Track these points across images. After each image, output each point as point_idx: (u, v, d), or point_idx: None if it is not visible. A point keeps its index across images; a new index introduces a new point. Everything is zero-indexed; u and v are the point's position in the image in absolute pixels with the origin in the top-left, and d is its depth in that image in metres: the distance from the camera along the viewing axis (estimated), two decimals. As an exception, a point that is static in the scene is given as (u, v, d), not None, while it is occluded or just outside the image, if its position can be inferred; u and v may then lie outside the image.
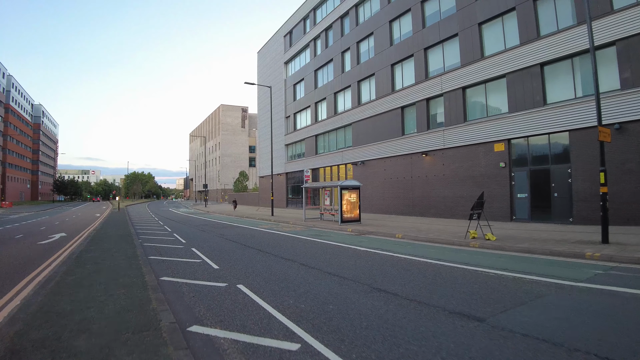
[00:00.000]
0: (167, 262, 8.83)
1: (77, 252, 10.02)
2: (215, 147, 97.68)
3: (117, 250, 10.30)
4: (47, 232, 18.14)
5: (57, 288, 5.99)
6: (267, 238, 14.10)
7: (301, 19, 39.52)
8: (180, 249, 11.30)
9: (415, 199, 23.58)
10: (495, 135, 19.18)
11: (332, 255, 9.55)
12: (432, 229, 15.37)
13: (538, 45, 17.62)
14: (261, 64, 49.88)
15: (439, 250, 10.54)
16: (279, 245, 11.75)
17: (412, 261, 8.67)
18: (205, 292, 5.99)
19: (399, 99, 25.24)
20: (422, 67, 23.71)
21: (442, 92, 22.11)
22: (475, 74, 20.36)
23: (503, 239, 12.11)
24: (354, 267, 7.91)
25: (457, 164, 21.02)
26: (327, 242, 12.63)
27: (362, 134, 28.68)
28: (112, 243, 12.20)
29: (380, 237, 14.37)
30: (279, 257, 9.34)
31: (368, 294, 5.77)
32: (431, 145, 22.55)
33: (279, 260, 8.85)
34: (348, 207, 18.64)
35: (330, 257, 9.25)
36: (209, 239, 13.86)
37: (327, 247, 11.20)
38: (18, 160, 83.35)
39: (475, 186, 19.98)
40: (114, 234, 15.51)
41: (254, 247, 11.35)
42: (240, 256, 9.65)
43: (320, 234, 15.59)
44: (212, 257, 9.57)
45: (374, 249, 10.66)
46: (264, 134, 48.61)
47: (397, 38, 26.22)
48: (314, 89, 36.40)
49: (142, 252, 9.98)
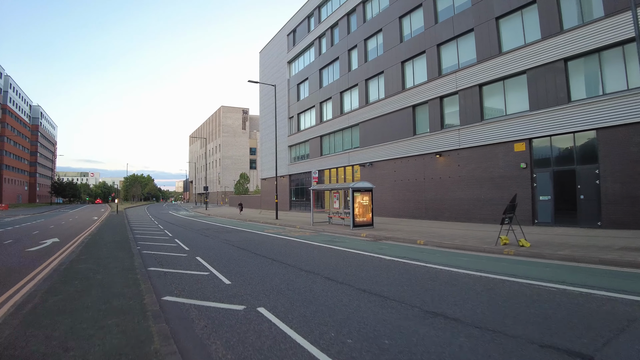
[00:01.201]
0: (169, 276, 7.67)
1: (67, 262, 8.85)
2: (215, 149, 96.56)
3: (112, 260, 9.15)
4: (39, 237, 16.96)
5: (32, 316, 4.79)
6: (278, 245, 12.95)
7: (305, 17, 38.50)
8: (183, 257, 10.14)
9: (428, 201, 22.45)
10: (516, 135, 18.12)
11: (357, 267, 8.41)
12: (455, 234, 14.25)
13: (561, 39, 16.60)
14: (263, 63, 48.83)
15: (474, 259, 9.44)
16: (293, 254, 10.61)
17: (452, 274, 7.54)
18: (220, 318, 4.81)
19: (409, 97, 24.15)
20: (435, 64, 22.65)
21: (457, 89, 21.05)
22: (493, 70, 19.32)
23: (537, 245, 11.08)
24: (389, 282, 6.76)
25: (474, 165, 19.94)
26: (345, 249, 11.49)
27: (370, 135, 27.58)
28: (107, 251, 11.06)
29: (400, 243, 13.24)
30: (297, 269, 8.19)
31: (424, 320, 4.64)
32: (445, 145, 21.45)
33: (299, 273, 7.70)
34: (360, 210, 17.52)
35: (357, 269, 8.11)
36: (214, 246, 12.71)
37: (348, 256, 10.05)
38: (15, 162, 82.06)
39: (494, 188, 18.92)
40: (111, 240, 14.34)
41: (266, 256, 10.20)
42: (252, 267, 8.50)
43: (333, 239, 14.45)
44: (220, 268, 8.42)
45: (401, 258, 9.53)
46: (266, 135, 47.49)
47: (407, 34, 25.18)
48: (319, 89, 35.31)
49: (141, 263, 8.82)
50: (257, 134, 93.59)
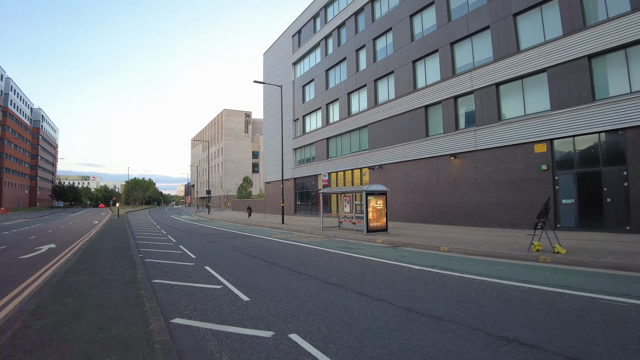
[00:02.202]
0: (177, 290, 6.74)
1: (60, 273, 7.92)
2: (217, 152, 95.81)
3: (112, 271, 8.20)
4: (35, 242, 16.04)
5: (8, 349, 3.81)
6: (291, 252, 12.04)
7: (311, 17, 37.79)
8: (191, 267, 9.22)
9: (442, 205, 21.54)
10: (536, 135, 17.28)
11: (387, 278, 7.50)
12: (477, 240, 13.33)
13: (585, 35, 15.83)
14: (267, 65, 48.09)
15: (511, 268, 8.57)
16: (310, 262, 9.70)
17: (496, 286, 6.64)
18: (246, 350, 3.84)
19: (421, 97, 23.32)
20: (449, 63, 21.84)
21: (473, 89, 20.22)
22: (511, 69, 18.52)
23: (573, 251, 10.27)
24: (432, 298, 5.85)
25: (491, 167, 19.07)
26: (365, 257, 10.59)
27: (380, 136, 26.72)
28: (107, 259, 10.12)
29: (422, 250, 12.33)
30: (321, 281, 7.27)
31: (498, 349, 3.73)
32: (460, 147, 20.58)
33: (324, 287, 6.77)
34: (374, 214, 16.62)
35: (388, 281, 7.20)
36: (223, 253, 11.79)
37: (373, 266, 9.14)
38: (16, 165, 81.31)
39: (513, 191, 18.07)
40: (111, 247, 13.41)
41: (281, 265, 9.29)
42: (270, 279, 7.57)
43: (348, 246, 13.54)
44: (234, 280, 7.50)
45: (430, 267, 8.62)
46: (270, 137, 46.65)
47: (418, 33, 24.39)
48: (325, 90, 34.50)
49: (144, 274, 7.90)
50: (260, 138, 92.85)
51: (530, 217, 17.43)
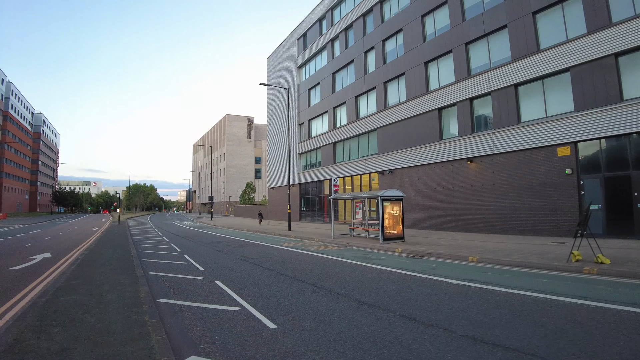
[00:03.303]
0: (188, 313, 5.73)
1: (52, 289, 6.95)
2: (220, 158, 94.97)
3: (110, 288, 7.22)
4: (29, 251, 15.04)
5: None
6: (307, 263, 11.06)
7: (317, 20, 37.08)
8: (200, 282, 8.22)
9: (458, 212, 20.58)
10: (559, 138, 16.40)
11: (427, 296, 6.52)
12: (505, 249, 12.34)
13: (611, 33, 15.05)
14: (272, 69, 47.36)
15: (558, 282, 7.69)
16: (332, 276, 8.72)
17: (558, 304, 5.68)
18: None
19: (435, 99, 22.44)
20: (464, 63, 20.99)
21: (490, 90, 19.36)
22: (530, 69, 17.69)
23: (617, 261, 9.36)
24: (494, 323, 4.86)
25: (511, 172, 18.15)
26: (390, 269, 9.61)
27: (390, 140, 25.81)
28: (105, 272, 9.13)
29: (448, 260, 11.36)
30: (355, 301, 6.25)
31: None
32: (477, 150, 19.67)
33: (361, 308, 5.73)
34: (390, 221, 15.66)
35: (430, 300, 6.22)
36: (233, 265, 10.80)
37: (403, 280, 8.17)
38: (16, 170, 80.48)
39: (534, 196, 17.15)
40: (110, 256, 12.43)
41: (301, 279, 8.29)
42: (293, 298, 6.57)
43: (366, 256, 12.57)
44: (252, 299, 6.51)
45: (468, 282, 7.65)
46: (274, 142, 45.77)
47: (431, 34, 23.58)
48: (332, 93, 33.66)
49: (148, 291, 6.91)
50: (263, 143, 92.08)
51: (554, 223, 16.50)
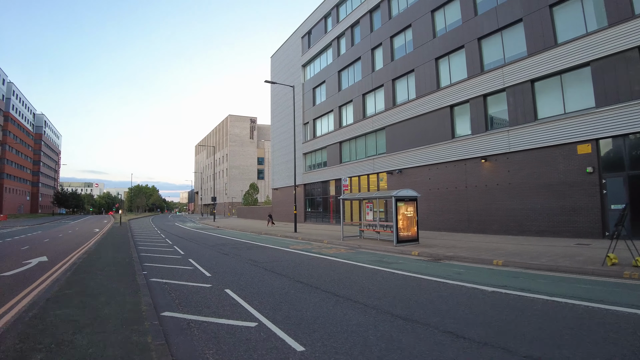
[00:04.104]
0: (197, 330, 4.92)
1: (42, 300, 6.20)
2: (222, 158, 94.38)
3: (108, 299, 6.40)
4: (25, 254, 14.30)
5: None
6: (321, 268, 10.34)
7: (322, 17, 36.41)
8: (208, 290, 7.47)
9: (471, 212, 19.83)
10: (579, 135, 15.67)
11: (467, 307, 5.78)
12: (529, 251, 11.57)
13: (634, 25, 14.37)
14: (275, 68, 46.69)
15: (603, 288, 6.98)
16: (352, 283, 7.98)
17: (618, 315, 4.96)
18: None
19: (446, 96, 21.71)
20: (477, 59, 20.27)
21: (505, 86, 18.63)
22: (548, 64, 16.96)
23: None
24: (555, 341, 4.14)
25: (527, 170, 17.42)
26: (413, 274, 8.89)
27: (399, 139, 25.08)
28: (103, 279, 8.36)
29: (471, 264, 10.63)
30: (387, 314, 5.49)
31: None
32: (492, 148, 18.94)
33: (397, 324, 4.95)
34: (404, 223, 14.93)
35: (472, 312, 5.48)
36: (242, 270, 10.05)
37: (433, 288, 7.44)
38: (17, 171, 79.95)
39: (552, 196, 16.42)
40: (110, 260, 11.68)
41: (320, 287, 7.53)
42: (317, 311, 5.75)
43: (382, 259, 11.84)
44: (269, 312, 5.73)
45: (504, 289, 6.92)
46: (278, 142, 45.07)
47: (441, 29, 22.87)
48: (338, 92, 32.95)
49: (150, 303, 6.10)
50: (265, 144, 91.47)
51: (574, 224, 15.76)
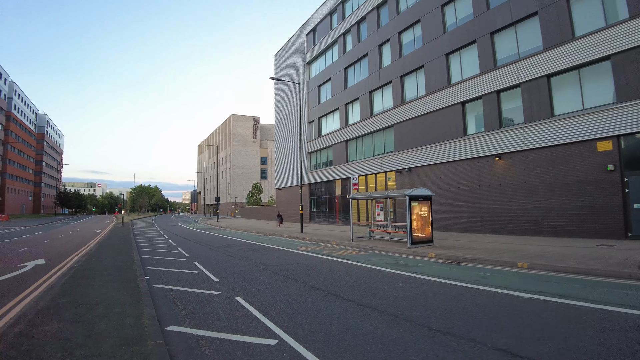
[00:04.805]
0: (209, 350, 4.24)
1: (31, 313, 5.51)
2: (225, 158, 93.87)
3: (105, 310, 5.69)
4: (22, 256, 13.68)
5: None
6: (335, 272, 9.72)
7: (327, 14, 35.80)
8: (217, 298, 6.82)
9: (484, 212, 19.19)
10: (598, 132, 15.05)
11: (509, 318, 5.17)
12: (552, 253, 10.90)
13: (658, 16, 13.63)
14: (279, 67, 46.11)
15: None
16: (372, 289, 7.35)
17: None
18: None
19: (458, 93, 21.07)
20: (489, 54, 19.63)
21: (519, 82, 17.99)
22: (565, 58, 16.32)
23: None
24: None
25: (544, 169, 16.78)
26: (436, 279, 8.27)
27: (408, 137, 24.45)
28: (102, 285, 7.69)
29: (493, 267, 10.00)
30: (423, 327, 4.87)
31: None
32: (506, 146, 18.29)
33: (439, 340, 4.34)
34: (418, 223, 14.30)
35: (518, 325, 4.87)
36: (252, 275, 9.40)
37: (465, 295, 6.81)
38: (19, 171, 79.62)
39: (570, 195, 15.80)
40: (110, 263, 11.08)
41: (340, 295, 6.87)
42: (342, 324, 5.09)
43: (398, 262, 11.22)
44: (290, 326, 5.09)
45: (541, 295, 6.30)
46: (283, 141, 44.49)
47: (451, 24, 22.23)
48: (344, 89, 32.33)
49: (153, 315, 5.45)
50: (269, 144, 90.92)
51: (593, 224, 15.11)
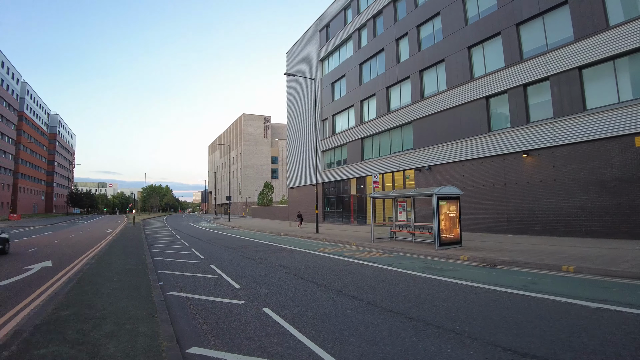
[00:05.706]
0: None
1: (27, 329, 4.83)
2: (236, 158, 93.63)
3: (114, 327, 4.91)
4: (30, 258, 13.16)
5: None
6: (365, 276, 9.00)
7: (341, 9, 35.03)
8: (242, 309, 6.05)
9: (511, 211, 18.29)
10: (637, 126, 14.05)
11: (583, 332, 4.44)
12: (599, 256, 10.02)
13: None
14: (291, 64, 45.46)
15: None
16: (416, 298, 6.61)
17: None
18: None
19: (481, 87, 20.17)
20: (515, 46, 18.71)
21: (548, 74, 17.06)
22: (597, 49, 15.39)
23: None
24: None
25: (575, 166, 15.85)
26: (482, 286, 7.50)
27: (428, 133, 23.59)
28: (111, 293, 6.99)
29: (535, 270, 9.21)
30: (491, 345, 4.15)
31: None
32: (534, 142, 17.39)
33: None
34: (446, 223, 13.49)
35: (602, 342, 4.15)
36: (275, 280, 8.69)
37: (518, 305, 6.05)
38: (32, 170, 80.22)
39: (605, 194, 14.90)
40: (121, 267, 10.46)
41: (380, 305, 6.13)
42: (399, 346, 4.30)
43: (428, 265, 10.46)
44: (334, 346, 4.35)
45: (610, 305, 5.54)
46: (295, 140, 43.85)
47: (473, 16, 21.32)
48: (359, 86, 31.54)
49: (171, 334, 4.64)
50: (279, 143, 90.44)
51: (632, 224, 14.17)
